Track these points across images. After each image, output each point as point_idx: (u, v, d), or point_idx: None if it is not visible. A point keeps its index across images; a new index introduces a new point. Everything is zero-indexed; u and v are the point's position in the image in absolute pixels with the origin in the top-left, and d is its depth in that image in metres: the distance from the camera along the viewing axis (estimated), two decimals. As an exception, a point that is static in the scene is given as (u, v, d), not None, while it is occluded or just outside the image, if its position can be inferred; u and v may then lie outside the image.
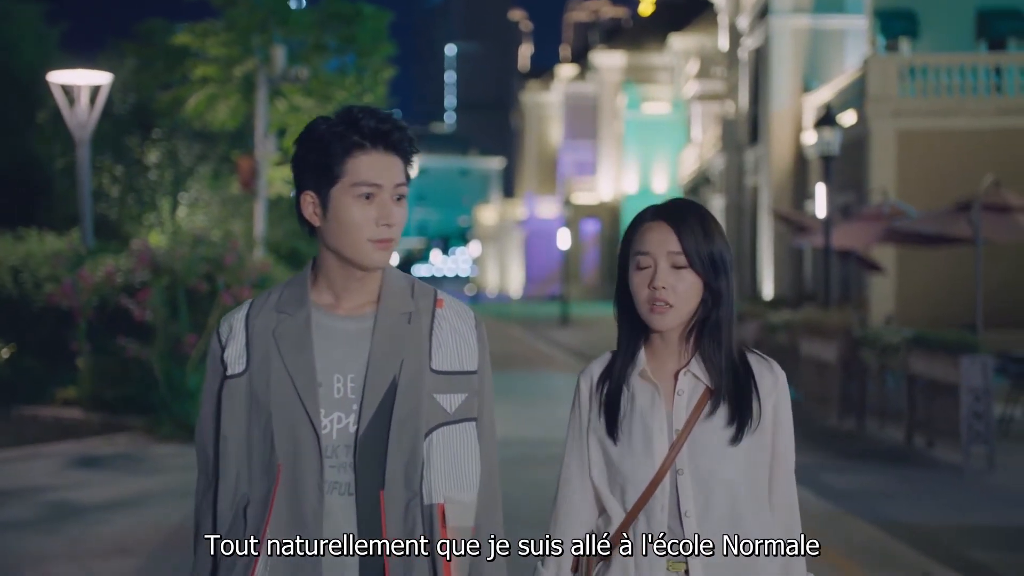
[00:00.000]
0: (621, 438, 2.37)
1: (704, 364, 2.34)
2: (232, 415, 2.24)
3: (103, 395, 12.91)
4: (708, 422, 2.33)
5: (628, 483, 2.35)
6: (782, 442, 2.39)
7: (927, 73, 23.78)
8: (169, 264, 12.15)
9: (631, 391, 2.38)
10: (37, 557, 6.97)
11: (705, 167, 40.58)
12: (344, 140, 2.21)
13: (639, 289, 2.33)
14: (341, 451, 2.18)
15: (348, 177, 2.20)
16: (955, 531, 7.71)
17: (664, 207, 2.38)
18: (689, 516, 2.31)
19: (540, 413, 14.71)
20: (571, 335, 31.04)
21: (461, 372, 2.29)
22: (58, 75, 14.55)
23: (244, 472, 2.22)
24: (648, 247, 2.33)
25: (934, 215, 15.29)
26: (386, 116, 2.26)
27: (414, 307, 2.28)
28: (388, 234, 2.23)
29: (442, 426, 2.23)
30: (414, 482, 2.18)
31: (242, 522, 2.20)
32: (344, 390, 2.21)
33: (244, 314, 2.29)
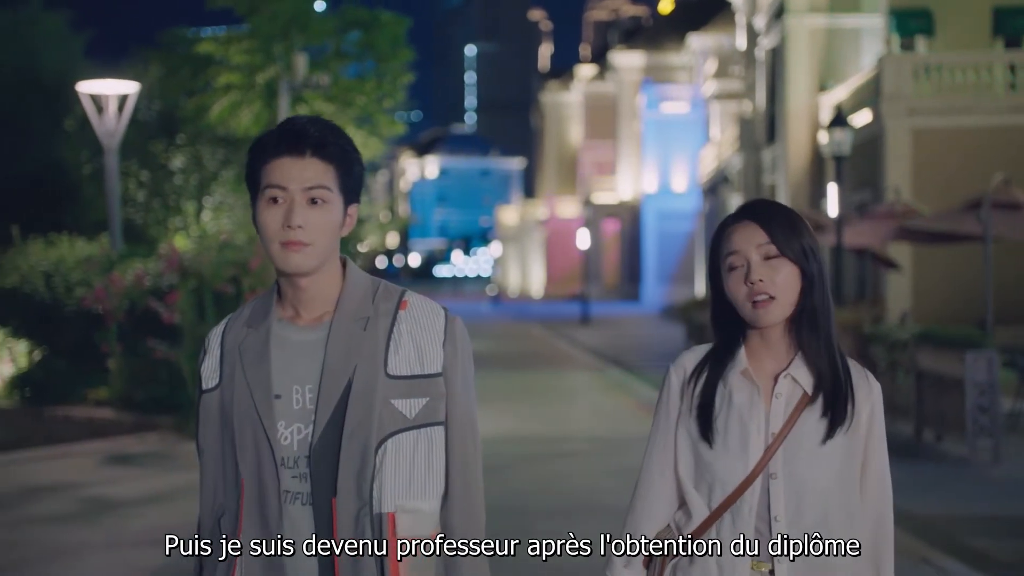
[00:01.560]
0: (716, 436, 2.35)
1: (806, 363, 2.33)
2: (207, 429, 2.28)
3: (133, 395, 13.31)
4: (803, 425, 2.32)
5: (717, 482, 2.33)
6: (877, 454, 2.38)
7: (942, 71, 23.93)
8: (196, 268, 12.53)
9: (728, 389, 2.36)
10: (77, 547, 7.35)
11: (723, 166, 40.81)
12: (261, 150, 2.23)
13: (736, 289, 2.32)
14: (301, 462, 2.19)
15: (262, 183, 2.22)
16: (956, 520, 7.99)
17: (747, 207, 2.41)
18: (779, 520, 2.30)
19: (557, 411, 15.02)
20: (591, 334, 31.32)
21: (421, 376, 2.22)
22: (87, 85, 14.95)
23: (220, 483, 2.27)
24: (737, 245, 2.33)
25: (945, 213, 15.51)
26: (305, 120, 2.25)
27: (372, 312, 2.24)
28: (293, 236, 2.18)
29: (399, 432, 2.19)
30: (364, 491, 2.16)
31: (219, 530, 2.25)
32: (303, 401, 2.20)
33: (221, 329, 2.33)
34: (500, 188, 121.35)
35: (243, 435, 2.21)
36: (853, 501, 2.34)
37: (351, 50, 20.04)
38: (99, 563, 6.98)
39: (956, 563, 6.80)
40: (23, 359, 15.06)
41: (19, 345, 15.07)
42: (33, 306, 14.45)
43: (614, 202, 60.21)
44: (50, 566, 6.92)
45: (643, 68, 60.15)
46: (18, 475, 10.09)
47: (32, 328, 14.74)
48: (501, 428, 12.67)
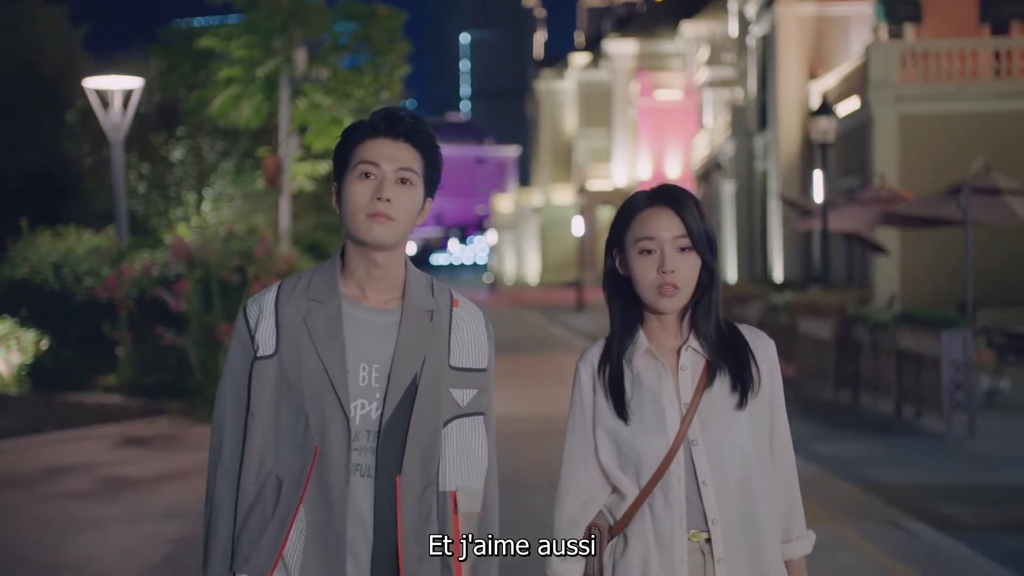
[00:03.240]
0: (632, 417, 2.42)
1: (700, 339, 2.44)
2: (261, 394, 2.33)
3: (142, 381, 13.76)
4: (713, 392, 2.42)
5: (643, 459, 2.40)
6: (778, 407, 2.49)
7: (928, 58, 24.30)
8: (203, 258, 12.97)
9: (635, 371, 2.44)
10: (99, 521, 7.82)
11: (716, 153, 41.22)
12: (358, 131, 2.39)
13: (645, 274, 2.40)
14: (363, 436, 2.30)
15: (354, 160, 2.36)
16: (929, 490, 8.47)
17: (661, 193, 2.46)
18: (707, 484, 2.38)
19: (551, 393, 15.48)
20: (586, 320, 31.79)
21: (474, 369, 2.42)
22: (93, 80, 15.35)
23: (269, 450, 2.32)
24: (653, 232, 2.40)
25: (928, 199, 15.96)
26: (400, 108, 2.42)
27: (435, 305, 2.41)
28: (382, 208, 2.32)
29: (456, 418, 2.37)
30: (431, 470, 2.32)
31: (271, 497, 2.30)
32: (368, 379, 2.32)
33: (274, 297, 2.39)
34: (496, 176, 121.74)
35: (312, 406, 2.29)
36: (765, 459, 2.45)
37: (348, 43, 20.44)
38: (121, 535, 7.44)
39: (924, 527, 7.28)
40: (31, 348, 15.50)
41: (27, 334, 15.50)
42: (43, 296, 14.87)
43: (609, 189, 60.59)
44: (76, 538, 7.39)
45: (636, 56, 60.48)
46: (36, 457, 10.55)
47: (42, 318, 15.16)
48: (499, 409, 13.00)
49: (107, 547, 7.13)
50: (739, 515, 2.40)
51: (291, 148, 18.46)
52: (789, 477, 2.51)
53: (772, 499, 2.45)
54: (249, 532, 2.29)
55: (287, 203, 18.96)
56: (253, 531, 2.29)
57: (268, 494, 2.30)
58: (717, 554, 2.39)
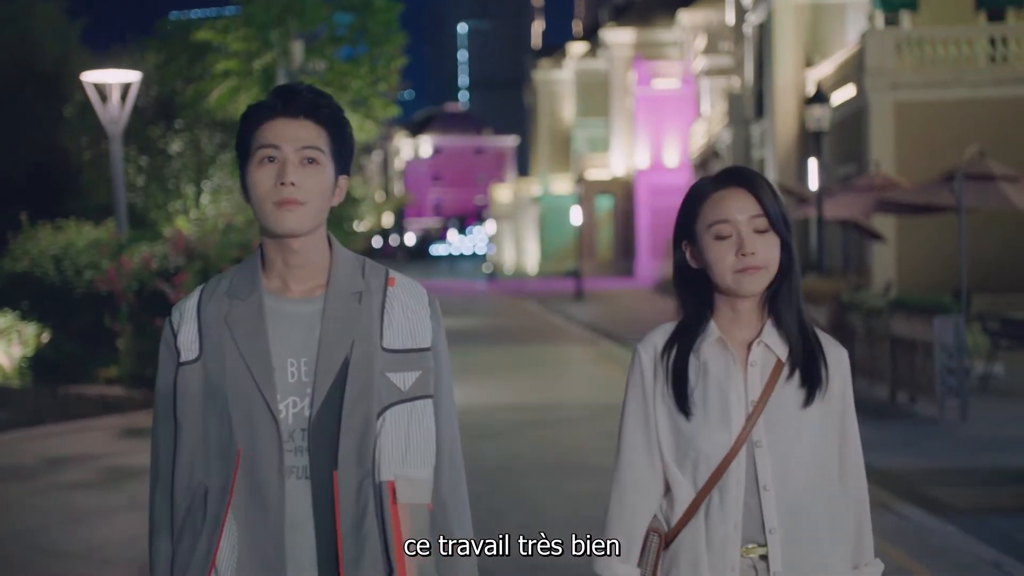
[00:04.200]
0: (695, 409, 2.28)
1: (778, 331, 2.30)
2: (186, 402, 2.22)
3: (143, 373, 13.88)
4: (782, 393, 2.28)
5: (701, 456, 2.26)
6: (850, 421, 2.35)
7: (924, 46, 24.38)
8: (202, 250, 13.09)
9: (702, 360, 2.30)
10: (103, 509, 7.95)
11: (714, 141, 41.29)
12: (253, 113, 2.24)
13: (722, 257, 2.26)
14: (297, 435, 2.18)
15: (254, 144, 2.21)
16: (920, 473, 8.58)
17: (730, 173, 2.33)
18: (768, 490, 2.24)
19: (551, 382, 15.60)
20: (584, 309, 31.90)
21: (414, 350, 2.26)
22: (91, 74, 15.43)
23: (200, 460, 2.20)
24: (728, 214, 2.26)
25: (922, 186, 16.05)
26: (296, 84, 2.27)
27: (364, 287, 2.26)
28: (287, 194, 2.17)
29: (395, 404, 2.22)
30: (366, 461, 2.17)
31: (200, 509, 2.18)
32: (298, 374, 2.20)
33: (196, 300, 2.28)
34: (494, 166, 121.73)
35: (235, 409, 2.17)
36: (832, 471, 2.30)
37: (344, 34, 20.51)
38: (124, 523, 7.56)
39: (915, 509, 7.41)
40: (32, 341, 15.63)
41: (28, 327, 15.63)
42: (44, 289, 15.00)
43: (607, 178, 60.67)
44: (80, 526, 7.51)
45: (634, 45, 60.50)
46: (38, 448, 10.67)
47: (43, 310, 15.29)
48: (499, 398, 13.26)
49: (111, 535, 7.24)
50: (800, 527, 2.24)
51: (288, 140, 18.53)
52: (860, 498, 2.35)
53: (837, 516, 2.30)
54: (183, 545, 2.19)
55: (285, 195, 19.02)
56: (186, 544, 2.19)
57: (197, 505, 2.18)
58: (773, 568, 2.23)
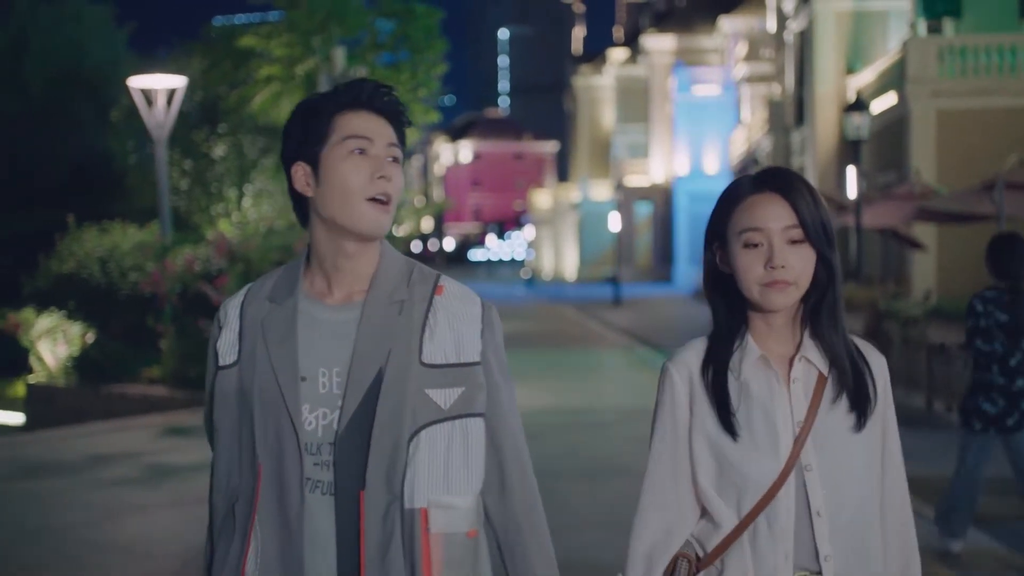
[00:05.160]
0: (741, 433, 2.12)
1: (818, 346, 2.14)
2: (224, 407, 2.14)
3: (185, 373, 14.11)
4: (827, 410, 2.13)
5: (749, 483, 2.10)
6: (892, 433, 2.22)
7: (966, 54, 24.26)
8: (244, 252, 13.30)
9: (742, 380, 2.14)
10: (144, 505, 8.14)
11: (754, 148, 41.21)
12: (332, 101, 2.12)
13: (750, 268, 2.11)
14: (325, 449, 2.06)
15: (337, 134, 2.08)
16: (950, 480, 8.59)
17: (767, 177, 2.16)
18: (821, 516, 2.09)
19: (586, 386, 15.70)
20: (622, 315, 31.94)
21: (458, 364, 2.10)
22: (137, 79, 15.72)
23: (235, 466, 2.13)
24: (760, 222, 2.10)
25: (961, 194, 16.00)
26: (374, 81, 2.17)
27: (407, 295, 2.12)
28: (385, 188, 2.08)
29: (433, 424, 2.07)
30: (395, 484, 2.04)
31: (232, 516, 2.12)
32: (330, 385, 2.08)
33: (240, 301, 2.19)
34: (534, 172, 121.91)
35: (264, 417, 2.08)
36: (877, 487, 2.18)
37: (386, 41, 20.74)
38: (166, 518, 7.74)
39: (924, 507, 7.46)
40: (77, 341, 15.92)
41: (73, 327, 15.92)
42: (89, 290, 15.28)
43: (647, 185, 60.65)
44: (123, 521, 7.69)
45: (674, 51, 60.48)
46: (84, 445, 10.90)
47: (88, 311, 15.57)
48: (535, 401, 13.38)
49: (153, 530, 7.42)
50: (855, 552, 2.11)
51: (330, 145, 18.80)
52: (905, 515, 2.22)
53: (887, 537, 2.18)
54: (219, 552, 2.14)
55: (326, 199, 19.27)
56: (221, 551, 2.13)
57: (231, 511, 2.13)
58: None
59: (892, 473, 2.21)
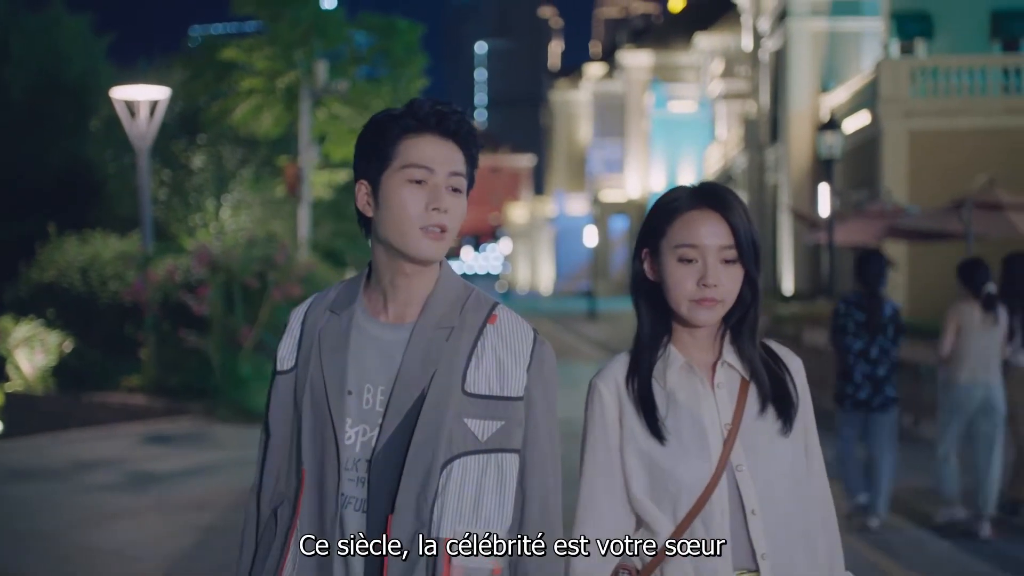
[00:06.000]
0: (669, 440, 2.16)
1: (738, 356, 2.21)
2: (278, 412, 2.17)
3: (165, 382, 14.23)
4: (754, 416, 2.19)
5: (682, 487, 2.14)
6: (812, 432, 2.28)
7: (937, 74, 24.66)
8: (225, 263, 13.45)
9: (668, 388, 2.19)
10: (130, 510, 8.29)
11: (729, 165, 41.61)
12: (398, 123, 2.11)
13: (682, 283, 2.15)
14: (362, 465, 2.07)
15: (399, 160, 2.09)
16: (915, 492, 8.86)
17: (706, 192, 2.18)
18: (756, 514, 2.14)
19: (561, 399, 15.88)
20: (597, 329, 32.19)
21: (500, 397, 2.09)
22: (120, 90, 15.83)
23: (284, 471, 2.16)
24: (697, 239, 2.14)
25: (931, 213, 16.34)
26: (446, 103, 2.15)
27: (459, 322, 2.11)
28: (439, 220, 2.08)
29: (468, 455, 2.06)
30: (424, 512, 2.03)
31: (275, 521, 2.14)
32: (373, 401, 2.09)
33: (305, 308, 2.22)
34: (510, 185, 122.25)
35: (311, 425, 2.11)
36: (804, 485, 2.23)
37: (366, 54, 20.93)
38: (152, 523, 7.90)
39: (911, 526, 7.72)
40: (55, 350, 16.00)
41: (51, 336, 16.00)
42: (70, 299, 15.37)
43: (622, 200, 61.04)
44: (111, 525, 7.84)
45: (651, 67, 60.97)
46: (66, 452, 11.02)
47: (68, 319, 15.66)
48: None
49: (140, 534, 7.58)
50: (791, 549, 2.16)
51: (311, 158, 18.95)
52: (827, 508, 2.29)
53: (811, 532, 2.23)
54: (261, 553, 2.16)
55: (306, 211, 19.44)
56: (263, 552, 2.16)
57: (275, 516, 2.16)
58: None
59: (815, 469, 2.26)
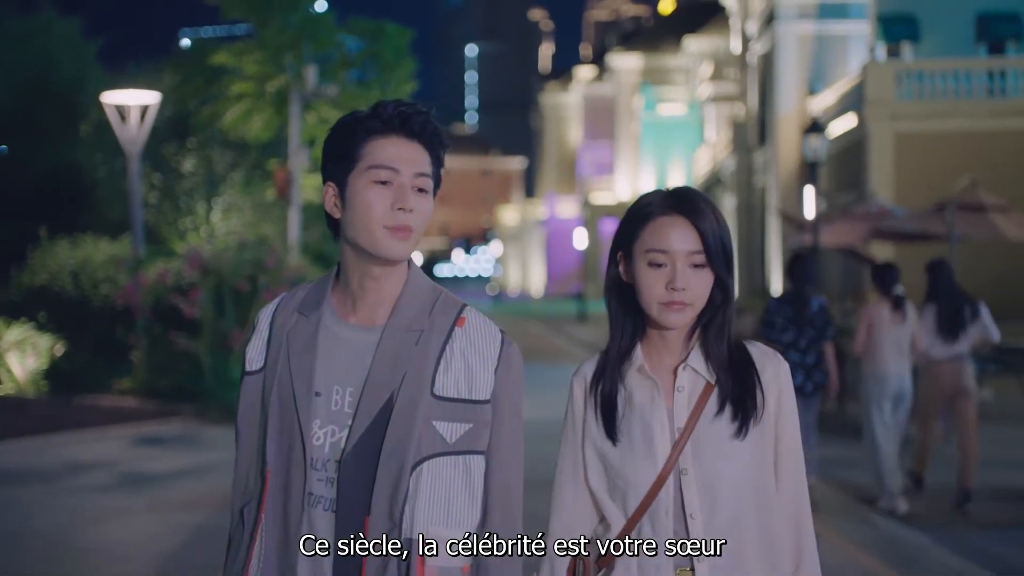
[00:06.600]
0: (621, 439, 2.25)
1: (705, 358, 2.24)
2: (247, 411, 2.19)
3: (156, 385, 14.34)
4: (710, 418, 2.22)
5: (629, 486, 2.23)
6: (787, 434, 2.27)
7: (923, 77, 24.86)
8: (216, 266, 13.56)
9: (628, 389, 2.26)
10: (124, 511, 8.40)
11: (718, 168, 41.80)
12: (363, 125, 2.12)
13: (652, 287, 2.20)
14: (331, 466, 2.08)
15: (364, 161, 2.10)
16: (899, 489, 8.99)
17: (676, 198, 2.23)
18: (695, 518, 2.19)
19: (550, 400, 16.01)
20: (587, 331, 32.35)
21: (468, 400, 2.12)
22: (111, 95, 15.95)
23: (252, 472, 2.18)
24: (665, 244, 2.19)
25: (915, 214, 16.51)
26: (411, 103, 2.16)
27: (427, 324, 2.13)
28: (404, 220, 2.09)
29: (437, 456, 2.08)
30: (396, 512, 2.05)
31: (241, 520, 2.17)
32: (342, 403, 2.10)
33: (272, 310, 2.23)
34: (501, 188, 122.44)
35: (278, 426, 2.12)
36: (767, 493, 2.24)
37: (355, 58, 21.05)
38: (145, 522, 8.01)
39: (890, 521, 7.86)
40: (46, 353, 16.08)
41: (42, 339, 16.09)
42: (61, 302, 15.47)
43: (612, 202, 61.23)
44: (102, 525, 7.95)
45: (641, 70, 61.17)
46: (58, 454, 11.12)
47: (59, 323, 15.75)
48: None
49: (132, 535, 7.68)
50: (730, 553, 2.20)
51: (301, 161, 19.07)
52: (798, 512, 2.28)
53: (769, 539, 2.24)
54: (231, 553, 2.20)
55: (296, 214, 19.56)
56: (232, 553, 2.19)
57: (242, 517, 2.18)
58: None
59: (786, 471, 2.26)
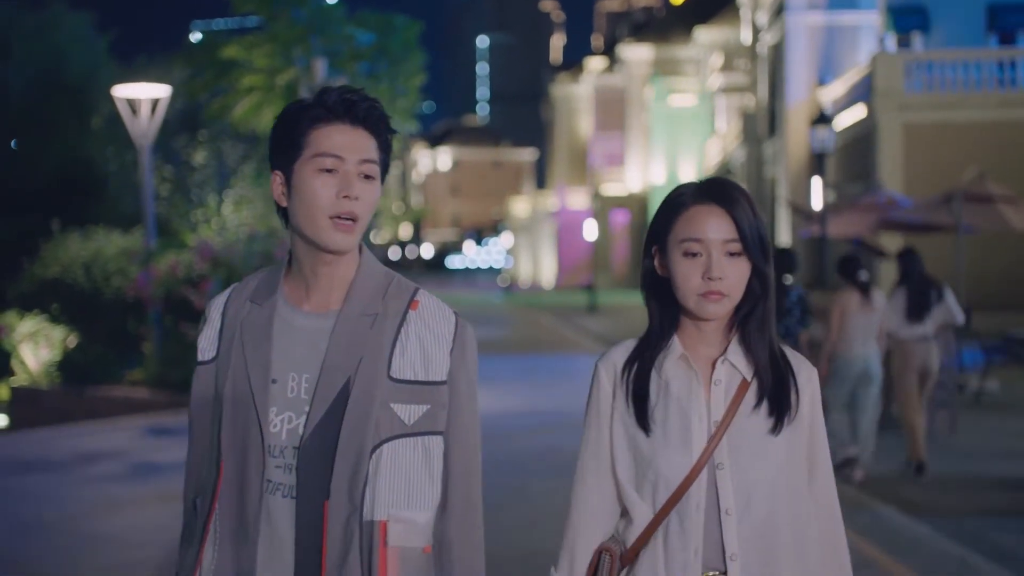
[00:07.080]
0: (654, 429, 2.19)
1: (744, 353, 2.20)
2: (199, 401, 2.19)
3: (167, 376, 14.46)
4: (747, 413, 2.18)
5: (661, 478, 2.16)
6: (820, 444, 2.25)
7: (932, 68, 24.82)
8: (227, 258, 13.68)
9: (664, 378, 2.21)
10: (134, 500, 8.52)
11: (728, 159, 41.80)
12: (308, 113, 2.11)
13: (688, 277, 2.16)
14: (288, 452, 2.09)
15: (309, 149, 2.09)
16: (902, 478, 9.07)
17: (710, 188, 2.20)
18: (730, 515, 2.14)
19: (560, 390, 16.12)
20: (597, 322, 32.42)
21: (425, 382, 2.13)
22: (122, 89, 16.06)
23: (206, 462, 2.17)
24: (701, 233, 2.16)
25: (922, 205, 16.54)
26: (355, 90, 2.14)
27: (381, 308, 2.14)
28: (349, 208, 2.08)
29: (396, 438, 2.09)
30: (356, 495, 2.05)
31: (194, 509, 2.18)
32: (298, 390, 2.11)
33: (224, 299, 2.23)
34: (512, 179, 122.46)
35: (232, 415, 2.12)
36: (800, 495, 2.20)
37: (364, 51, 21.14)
38: (154, 512, 8.12)
39: (891, 509, 7.92)
40: (59, 345, 16.24)
41: (55, 331, 16.24)
42: (73, 295, 15.61)
43: (623, 193, 61.22)
44: (114, 513, 8.08)
45: (651, 61, 61.11)
46: (70, 444, 11.26)
47: (71, 315, 15.90)
48: (509, 404, 13.79)
49: (143, 522, 7.81)
50: (762, 554, 2.14)
51: (310, 154, 19.19)
52: (832, 518, 2.26)
53: (804, 541, 2.20)
54: (183, 546, 2.20)
55: (306, 206, 19.66)
56: (184, 545, 2.19)
57: (194, 508, 2.19)
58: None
59: (820, 483, 2.24)
